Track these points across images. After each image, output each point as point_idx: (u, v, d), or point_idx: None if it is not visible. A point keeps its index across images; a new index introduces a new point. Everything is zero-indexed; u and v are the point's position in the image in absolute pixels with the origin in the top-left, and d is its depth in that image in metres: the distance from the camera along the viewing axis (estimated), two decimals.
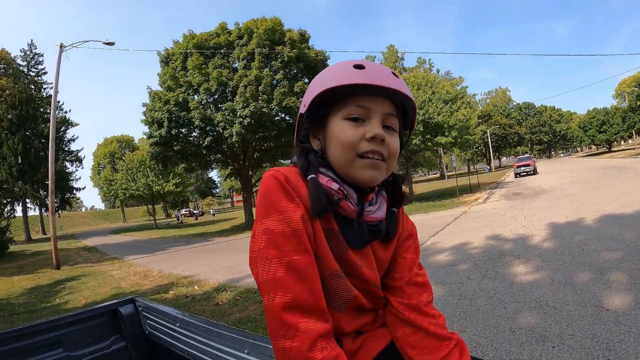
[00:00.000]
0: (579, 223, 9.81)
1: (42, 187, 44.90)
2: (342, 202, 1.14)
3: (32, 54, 50.06)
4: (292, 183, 1.10)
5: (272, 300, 1.01)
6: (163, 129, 24.10)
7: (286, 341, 0.99)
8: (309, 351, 0.97)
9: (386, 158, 1.15)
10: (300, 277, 1.02)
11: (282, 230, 1.04)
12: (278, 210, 1.06)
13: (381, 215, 1.22)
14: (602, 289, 5.04)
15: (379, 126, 1.13)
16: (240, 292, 7.80)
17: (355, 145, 1.11)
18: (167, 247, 21.95)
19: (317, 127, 1.22)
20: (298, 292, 1.01)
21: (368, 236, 1.19)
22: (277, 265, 1.02)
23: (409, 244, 1.34)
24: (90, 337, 2.98)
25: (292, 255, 1.03)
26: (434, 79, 29.00)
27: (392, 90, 1.11)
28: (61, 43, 17.65)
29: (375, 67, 1.14)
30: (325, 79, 1.14)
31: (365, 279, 1.20)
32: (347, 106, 1.13)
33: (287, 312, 1.00)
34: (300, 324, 0.99)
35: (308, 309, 1.01)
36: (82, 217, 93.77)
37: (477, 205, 19.02)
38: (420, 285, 1.29)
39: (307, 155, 1.20)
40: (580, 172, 30.40)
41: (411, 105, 1.20)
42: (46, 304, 9.17)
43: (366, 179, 1.14)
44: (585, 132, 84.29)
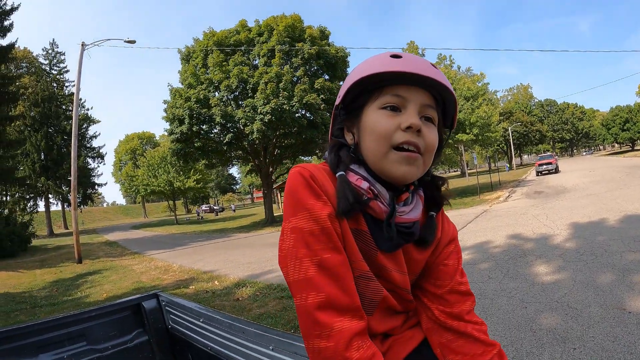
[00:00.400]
0: (602, 223, 9.69)
1: (65, 183, 45.53)
2: (371, 202, 1.08)
3: (53, 52, 50.79)
4: (318, 180, 1.05)
5: (305, 300, 0.99)
6: (184, 126, 24.28)
7: (321, 341, 0.97)
8: (345, 350, 0.95)
9: (422, 151, 1.08)
10: (332, 276, 1.00)
11: (311, 228, 1.01)
12: (305, 208, 1.02)
13: (415, 217, 1.15)
14: (625, 290, 4.98)
15: (415, 116, 1.07)
16: (260, 288, 7.83)
17: (390, 135, 1.06)
18: (187, 243, 22.10)
19: (352, 119, 1.17)
20: (331, 291, 0.98)
21: (399, 239, 1.11)
22: (308, 265, 1.00)
23: (450, 250, 1.27)
24: (113, 331, 3.01)
25: (323, 253, 1.00)
26: (455, 76, 28.82)
27: (431, 79, 1.05)
28: (83, 42, 17.92)
29: (413, 57, 1.09)
30: (361, 69, 1.09)
31: (394, 283, 1.16)
32: (382, 95, 1.08)
33: (321, 312, 0.97)
34: (335, 324, 0.97)
35: (342, 308, 0.99)
36: (104, 212, 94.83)
37: (498, 204, 18.86)
38: (463, 294, 1.24)
39: (338, 151, 1.15)
40: (603, 171, 29.96)
41: (452, 99, 1.14)
42: (68, 297, 9.29)
43: (402, 174, 1.08)
44: (608, 130, 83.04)
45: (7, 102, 27.23)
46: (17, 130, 39.02)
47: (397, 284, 1.17)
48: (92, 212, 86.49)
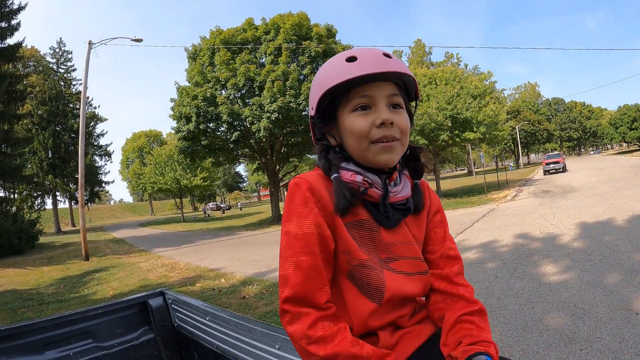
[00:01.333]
0: (609, 223, 9.65)
1: (72, 181, 45.66)
2: (369, 190, 1.21)
3: (61, 51, 50.79)
4: (314, 188, 1.20)
5: (281, 293, 1.15)
6: (191, 124, 24.27)
7: (291, 325, 1.12)
8: (308, 330, 1.10)
9: (399, 137, 1.21)
10: (303, 276, 1.14)
11: (296, 233, 1.16)
12: (295, 214, 1.18)
13: (407, 194, 1.29)
14: (633, 291, 4.96)
15: (385, 111, 1.19)
16: (266, 286, 7.85)
17: (367, 133, 1.18)
18: (194, 240, 22.14)
19: (330, 124, 1.29)
20: (300, 288, 1.13)
21: (397, 214, 1.26)
22: (289, 264, 1.16)
23: (437, 219, 1.42)
24: (120, 329, 3.02)
25: (300, 255, 1.15)
26: (462, 74, 28.74)
27: (389, 73, 1.16)
28: (90, 40, 17.96)
29: (365, 54, 1.18)
30: (323, 80, 1.21)
31: (404, 255, 1.28)
32: (351, 99, 1.20)
33: (290, 304, 1.13)
34: (301, 310, 1.12)
35: (308, 303, 1.13)
36: (111, 210, 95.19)
37: (505, 203, 18.83)
38: (452, 257, 1.36)
39: (327, 155, 1.27)
40: (611, 170, 29.84)
41: (410, 79, 1.24)
42: (75, 294, 9.34)
43: (385, 162, 1.21)
44: (616, 129, 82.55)
45: (15, 101, 27.33)
46: (24, 129, 39.10)
47: (407, 255, 1.29)
48: (99, 209, 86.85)
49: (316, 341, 1.09)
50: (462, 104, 24.07)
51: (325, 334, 1.10)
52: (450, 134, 24.22)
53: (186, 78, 27.09)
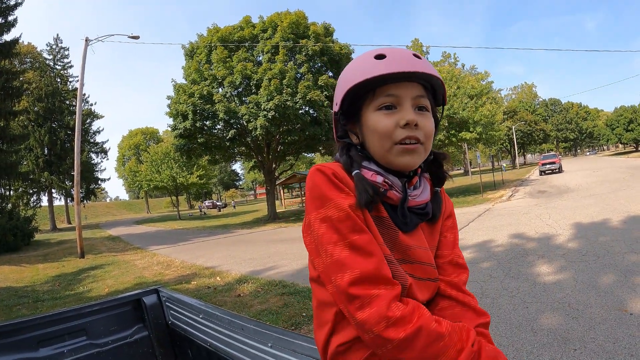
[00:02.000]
0: (605, 224, 9.68)
1: (68, 178, 45.51)
2: (388, 192, 1.18)
3: (57, 48, 50.65)
4: (339, 176, 1.15)
5: (341, 280, 1.04)
6: (187, 122, 24.27)
7: (363, 312, 1.01)
8: (387, 311, 1.00)
9: (423, 141, 1.18)
10: (364, 254, 1.06)
11: (338, 216, 1.09)
12: (330, 199, 1.11)
13: (426, 198, 1.26)
14: (627, 292, 4.97)
15: (411, 112, 1.15)
16: (261, 285, 7.85)
17: (390, 133, 1.15)
18: (189, 238, 22.16)
19: (353, 122, 1.25)
20: (365, 267, 1.04)
21: (415, 219, 1.22)
22: (341, 248, 1.07)
23: (449, 224, 1.38)
24: (114, 326, 3.02)
25: (352, 236, 1.07)
26: (459, 74, 28.77)
27: (416, 74, 1.14)
28: (86, 37, 17.93)
29: (396, 53, 1.16)
30: (349, 75, 1.18)
31: (419, 260, 1.22)
32: (376, 97, 1.17)
33: (357, 287, 1.03)
34: (372, 292, 1.02)
35: (376, 280, 1.04)
36: (107, 207, 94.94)
37: (501, 203, 18.87)
38: (460, 266, 1.33)
39: (348, 152, 1.24)
40: (607, 171, 29.92)
41: (439, 82, 1.21)
42: (70, 292, 9.32)
43: (405, 164, 1.18)
44: (612, 131, 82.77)
45: (11, 97, 27.27)
46: (20, 125, 39.04)
47: (422, 260, 1.23)
48: (95, 207, 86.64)
49: (395, 323, 1.00)
50: (458, 104, 24.09)
51: (404, 313, 1.02)
52: (446, 134, 24.26)
53: (183, 76, 27.08)
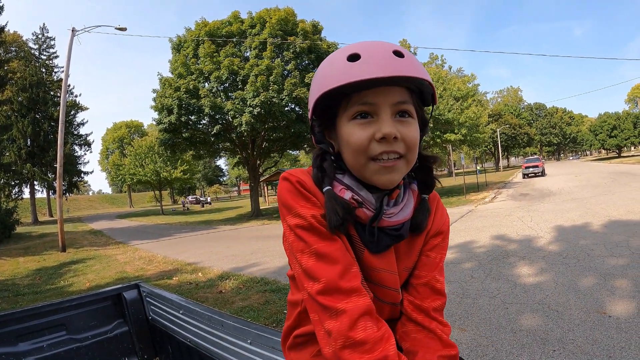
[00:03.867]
0: (585, 227, 9.77)
1: (51, 170, 45.07)
2: (356, 210, 1.08)
3: (43, 37, 50.09)
4: (306, 185, 1.07)
5: (311, 289, 1.00)
6: (173, 116, 24.13)
7: (330, 322, 0.97)
8: (349, 330, 0.95)
9: (404, 153, 1.05)
10: (329, 262, 1.01)
11: (302, 224, 1.03)
12: (294, 207, 1.05)
13: (404, 217, 1.13)
14: (606, 295, 5.03)
15: (389, 122, 1.02)
16: (243, 281, 7.83)
17: (365, 148, 1.03)
18: (172, 233, 22.05)
19: (329, 127, 1.14)
20: (330, 276, 0.99)
21: (387, 240, 1.12)
22: (307, 257, 1.02)
23: (436, 242, 1.24)
24: (94, 321, 3.00)
25: (317, 244, 1.02)
26: (445, 76, 28.92)
27: (396, 77, 0.98)
28: (73, 27, 17.71)
29: (372, 52, 1.00)
30: (321, 80, 1.05)
31: (383, 284, 1.15)
32: (351, 105, 1.04)
33: (324, 296, 0.98)
34: (339, 305, 0.97)
35: (343, 290, 0.99)
36: (89, 200, 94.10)
37: (483, 204, 18.97)
38: (436, 291, 1.21)
39: (322, 163, 1.13)
40: (589, 176, 30.23)
41: (425, 83, 1.05)
42: (51, 286, 9.23)
43: (383, 183, 1.06)
44: (595, 136, 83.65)
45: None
46: (4, 116, 38.67)
47: (386, 284, 1.15)
48: (77, 200, 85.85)
49: (353, 345, 0.95)
50: (444, 106, 24.22)
51: (367, 339, 0.95)
52: (431, 135, 24.35)
53: (169, 69, 26.94)
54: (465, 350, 3.95)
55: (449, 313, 5.03)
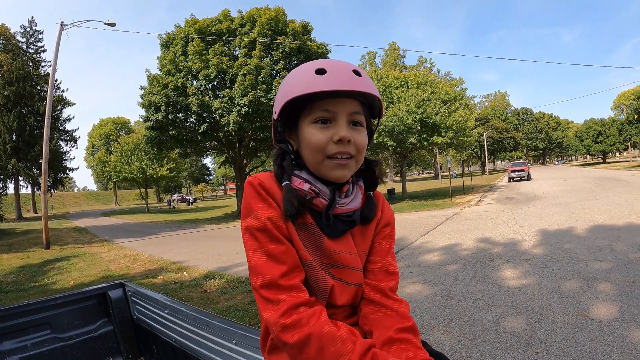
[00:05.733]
0: (570, 231, 9.87)
1: (36, 166, 44.68)
2: (314, 200, 1.25)
3: (32, 30, 49.53)
4: (266, 187, 1.24)
5: (255, 282, 1.16)
6: (160, 113, 23.96)
7: (266, 312, 1.13)
8: (281, 317, 1.10)
9: (354, 154, 1.23)
10: (277, 262, 1.17)
11: (257, 226, 1.19)
12: (253, 210, 1.21)
13: (355, 206, 1.32)
14: (589, 298, 5.08)
15: (345, 128, 1.21)
16: (228, 281, 7.82)
17: (323, 147, 1.20)
18: (158, 232, 21.93)
19: (291, 130, 1.31)
20: (274, 273, 1.15)
21: (342, 225, 1.29)
22: (259, 255, 1.18)
23: (386, 232, 1.43)
24: (78, 320, 2.98)
25: (268, 245, 1.18)
26: (433, 79, 29.02)
27: (354, 92, 1.18)
28: (62, 21, 17.53)
29: (336, 68, 1.19)
30: (289, 87, 1.22)
31: (346, 264, 1.30)
32: (313, 110, 1.21)
33: (266, 290, 1.14)
34: (279, 297, 1.13)
35: (285, 287, 1.15)
36: (74, 197, 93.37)
37: (469, 207, 19.08)
38: (390, 273, 1.37)
39: (282, 160, 1.31)
40: (574, 181, 30.54)
41: (375, 99, 1.25)
42: (34, 284, 9.14)
43: (336, 177, 1.24)
44: (581, 142, 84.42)
45: None
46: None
47: (349, 264, 1.31)
48: (62, 196, 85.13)
49: (287, 327, 1.09)
50: (431, 109, 24.25)
51: (300, 317, 1.10)
52: (418, 137, 24.39)
53: (158, 66, 26.70)
54: (449, 351, 3.98)
55: (433, 315, 5.08)
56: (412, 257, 8.80)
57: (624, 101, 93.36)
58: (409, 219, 16.57)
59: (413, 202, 24.39)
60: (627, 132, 71.68)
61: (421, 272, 7.32)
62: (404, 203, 24.57)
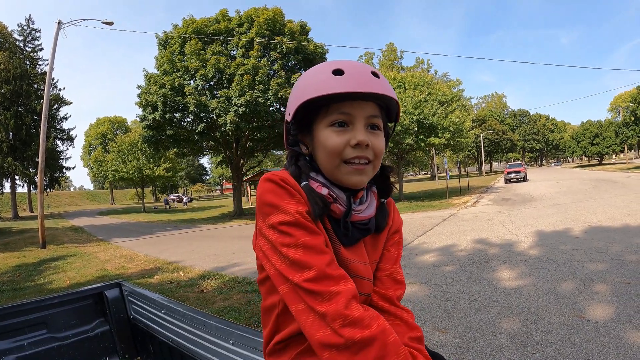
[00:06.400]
0: (566, 233, 9.89)
1: (32, 165, 44.58)
2: (332, 205, 1.19)
3: (29, 29, 49.45)
4: (289, 182, 1.14)
5: (299, 278, 1.04)
6: (157, 113, 23.91)
7: (322, 306, 1.01)
8: (345, 309, 1.00)
9: (372, 160, 1.19)
10: (318, 252, 1.07)
11: (288, 220, 1.08)
12: (280, 205, 1.10)
13: (370, 214, 1.26)
14: (585, 299, 5.10)
15: (362, 132, 1.16)
16: (225, 281, 7.80)
17: (340, 151, 1.15)
18: (154, 232, 21.89)
19: (304, 133, 1.25)
20: (320, 264, 1.05)
21: (357, 233, 1.23)
22: (294, 250, 1.06)
23: (395, 239, 1.39)
24: (75, 320, 2.97)
25: (304, 237, 1.08)
26: (431, 80, 29.04)
27: (373, 94, 1.13)
28: (59, 20, 17.50)
29: (354, 70, 1.15)
30: (305, 88, 1.17)
31: (358, 274, 1.23)
32: (330, 113, 1.16)
33: (315, 283, 1.03)
34: (331, 288, 1.03)
35: (334, 277, 1.05)
36: (71, 196, 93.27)
37: (465, 208, 19.10)
38: (398, 282, 1.34)
39: (297, 162, 1.25)
40: (571, 182, 30.60)
41: (394, 102, 1.22)
42: (30, 283, 9.12)
43: (353, 183, 1.19)
44: (577, 143, 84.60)
45: None
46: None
47: (361, 274, 1.24)
48: (58, 195, 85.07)
49: (353, 323, 1.00)
50: (429, 110, 24.27)
51: (363, 316, 1.01)
52: (415, 138, 24.41)
53: (155, 65, 26.67)
54: (445, 352, 3.98)
55: (429, 315, 5.08)
56: (409, 257, 8.80)
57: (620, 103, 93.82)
58: (406, 219, 16.55)
59: (410, 203, 24.42)
60: (623, 134, 71.78)
61: (418, 273, 7.33)
62: (400, 204, 24.57)
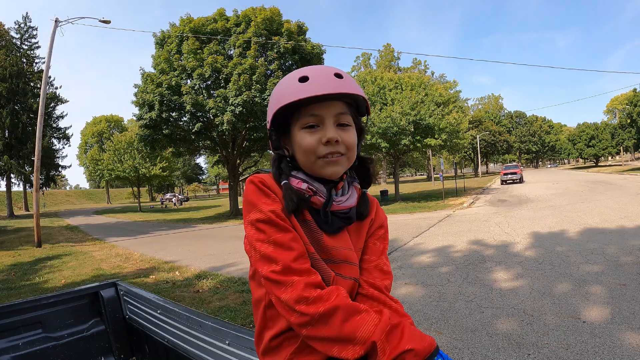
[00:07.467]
0: (562, 234, 9.91)
1: (28, 163, 44.41)
2: (312, 197, 1.30)
3: (26, 27, 49.24)
4: (268, 184, 1.29)
5: (267, 270, 1.18)
6: (153, 112, 23.85)
7: (286, 292, 1.14)
8: (303, 292, 1.13)
9: (344, 152, 1.29)
10: (286, 249, 1.19)
11: (261, 218, 1.23)
12: (257, 205, 1.25)
13: (351, 204, 1.36)
14: (580, 300, 5.11)
15: (332, 130, 1.27)
16: (221, 281, 7.80)
17: (314, 150, 1.27)
18: (150, 231, 21.87)
19: (285, 136, 1.37)
20: (286, 258, 1.17)
21: (339, 222, 1.34)
22: (266, 245, 1.20)
23: (380, 233, 1.48)
24: (70, 319, 2.96)
25: (275, 234, 1.21)
26: (427, 81, 29.07)
27: (337, 94, 1.24)
28: (56, 17, 17.46)
29: (318, 74, 1.26)
30: (278, 97, 1.29)
31: (343, 259, 1.34)
32: (302, 117, 1.28)
33: (279, 274, 1.16)
34: (292, 278, 1.16)
35: (297, 271, 1.17)
36: (66, 195, 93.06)
37: (461, 209, 19.12)
38: (385, 272, 1.42)
39: (280, 163, 1.36)
40: (567, 184, 30.67)
41: (360, 98, 1.31)
42: (25, 282, 9.10)
43: (330, 174, 1.30)
44: (573, 145, 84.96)
45: None
46: None
47: (346, 259, 1.34)
48: (54, 194, 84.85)
49: (313, 301, 1.12)
50: (425, 111, 24.30)
51: (321, 294, 1.14)
52: (412, 139, 24.43)
53: (152, 65, 26.59)
54: None
55: (425, 316, 5.08)
56: (405, 258, 8.81)
57: (616, 105, 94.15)
58: (402, 220, 16.59)
59: (406, 204, 24.44)
60: (619, 136, 72.06)
61: (413, 274, 7.34)
62: (396, 205, 24.60)
